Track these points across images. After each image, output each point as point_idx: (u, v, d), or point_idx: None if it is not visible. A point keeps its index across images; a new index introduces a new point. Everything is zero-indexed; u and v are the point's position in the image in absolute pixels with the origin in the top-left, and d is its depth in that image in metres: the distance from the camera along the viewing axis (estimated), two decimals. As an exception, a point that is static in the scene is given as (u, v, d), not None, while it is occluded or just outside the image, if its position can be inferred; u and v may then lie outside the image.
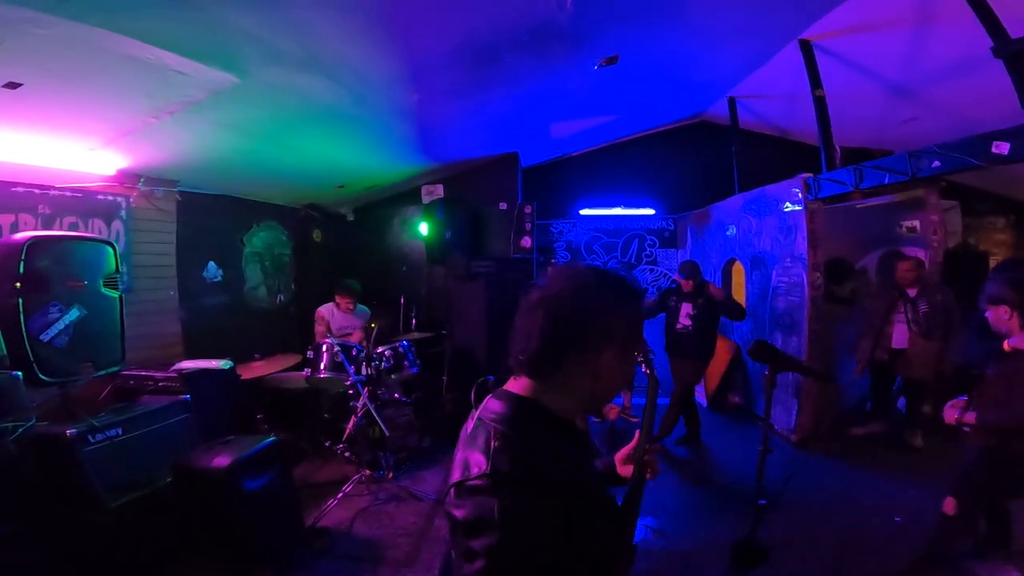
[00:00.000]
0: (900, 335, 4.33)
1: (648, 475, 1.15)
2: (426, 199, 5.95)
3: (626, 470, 1.24)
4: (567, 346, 0.91)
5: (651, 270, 7.71)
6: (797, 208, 4.55)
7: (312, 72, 2.92)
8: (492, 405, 0.94)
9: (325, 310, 4.52)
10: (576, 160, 7.52)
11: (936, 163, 3.16)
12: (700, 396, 6.18)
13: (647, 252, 7.76)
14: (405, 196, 6.13)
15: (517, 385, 0.97)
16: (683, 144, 7.44)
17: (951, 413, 2.32)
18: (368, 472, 3.54)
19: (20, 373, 2.22)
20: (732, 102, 6.17)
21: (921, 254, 4.68)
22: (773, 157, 6.58)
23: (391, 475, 3.62)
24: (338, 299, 4.55)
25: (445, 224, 5.25)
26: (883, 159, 3.61)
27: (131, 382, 3.01)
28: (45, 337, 2.36)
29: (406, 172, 5.65)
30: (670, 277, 7.71)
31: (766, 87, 5.62)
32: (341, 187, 5.39)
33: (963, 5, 2.95)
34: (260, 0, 2.19)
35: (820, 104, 4.34)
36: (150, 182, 3.73)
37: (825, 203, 4.41)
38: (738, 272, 6.20)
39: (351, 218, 6.37)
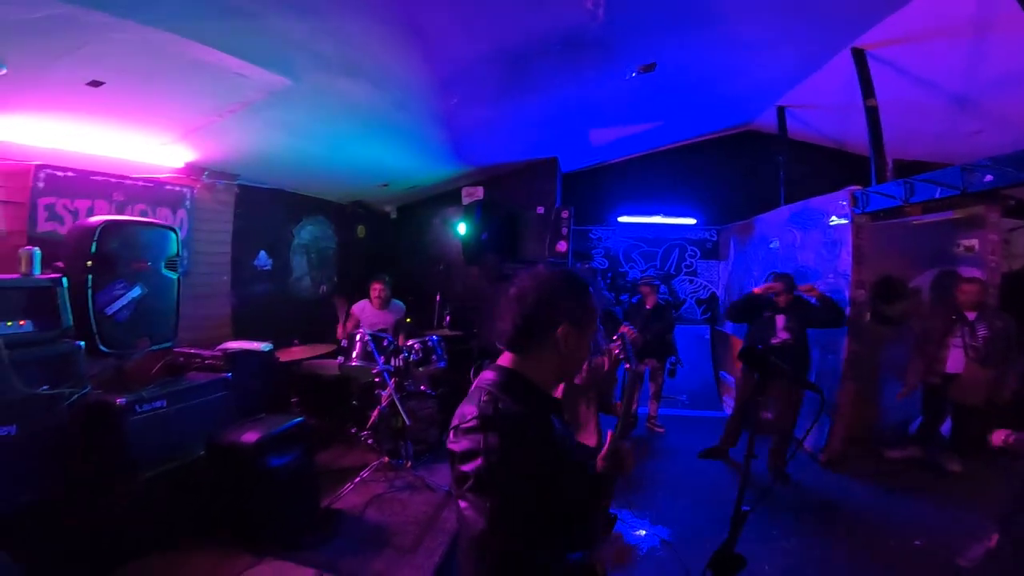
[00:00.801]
0: (955, 359, 4.11)
1: (621, 469, 1.30)
2: (466, 200, 6.09)
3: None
4: (534, 327, 1.17)
5: (691, 281, 7.59)
6: (843, 222, 4.39)
7: (354, 77, 3.13)
8: (486, 375, 1.19)
9: (357, 308, 4.71)
10: (616, 167, 7.50)
11: (988, 177, 3.01)
12: (730, 410, 6.04)
13: (687, 263, 7.64)
14: (446, 197, 6.31)
15: (505, 359, 1.22)
16: (728, 154, 7.29)
17: (999, 435, 2.24)
18: (387, 460, 3.69)
19: (83, 343, 2.48)
20: (781, 111, 6.00)
21: (978, 275, 4.41)
22: (824, 169, 6.36)
23: (409, 464, 3.75)
24: (372, 288, 4.70)
25: (482, 226, 5.39)
26: (934, 172, 3.45)
27: (180, 359, 3.28)
28: (109, 311, 2.64)
29: (446, 174, 5.81)
30: (710, 289, 7.57)
31: (818, 96, 5.44)
32: (385, 186, 5.62)
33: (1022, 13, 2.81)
34: (307, 10, 2.39)
35: (872, 114, 4.21)
36: (213, 175, 4.05)
37: (876, 218, 4.24)
38: (780, 287, 6.01)
39: (394, 216, 6.61)
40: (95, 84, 2.60)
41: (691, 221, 7.52)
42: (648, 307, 5.45)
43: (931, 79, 4.37)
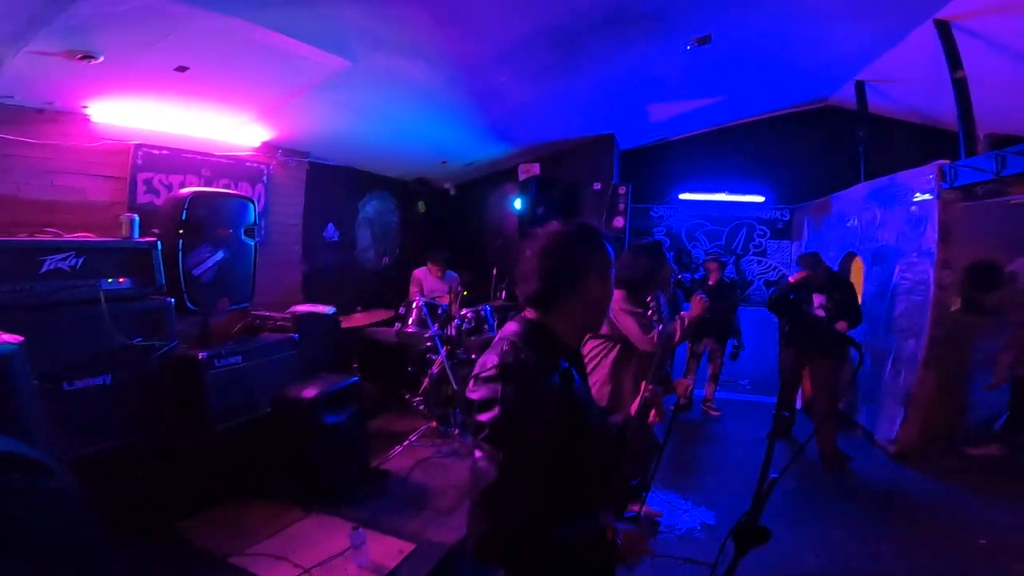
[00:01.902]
0: None
1: (652, 417, 1.33)
2: (522, 176, 6.14)
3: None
4: (555, 282, 1.17)
5: (759, 262, 7.24)
6: (928, 198, 4.03)
7: (408, 57, 3.25)
8: (510, 326, 1.21)
9: (420, 272, 5.02)
10: (678, 144, 7.23)
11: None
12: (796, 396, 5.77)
13: (756, 242, 7.28)
14: (503, 174, 6.40)
15: (529, 313, 1.24)
16: (802, 130, 6.82)
17: None
18: (435, 425, 3.85)
19: (173, 301, 2.78)
20: (860, 86, 5.56)
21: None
22: (909, 145, 5.81)
23: (456, 431, 3.89)
24: (429, 264, 5.04)
25: (538, 201, 5.45)
26: None
27: (256, 320, 3.60)
28: (196, 272, 2.95)
29: (502, 151, 5.89)
30: (780, 270, 7.20)
31: (901, 70, 5.00)
32: (443, 163, 5.79)
33: None
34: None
35: (960, 86, 3.87)
36: (286, 153, 4.37)
37: (970, 197, 3.87)
38: (857, 268, 5.62)
39: (453, 192, 6.78)
40: (181, 69, 2.86)
41: (759, 199, 7.13)
42: (711, 283, 5.28)
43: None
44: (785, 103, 6.57)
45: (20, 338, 1.15)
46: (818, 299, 4.08)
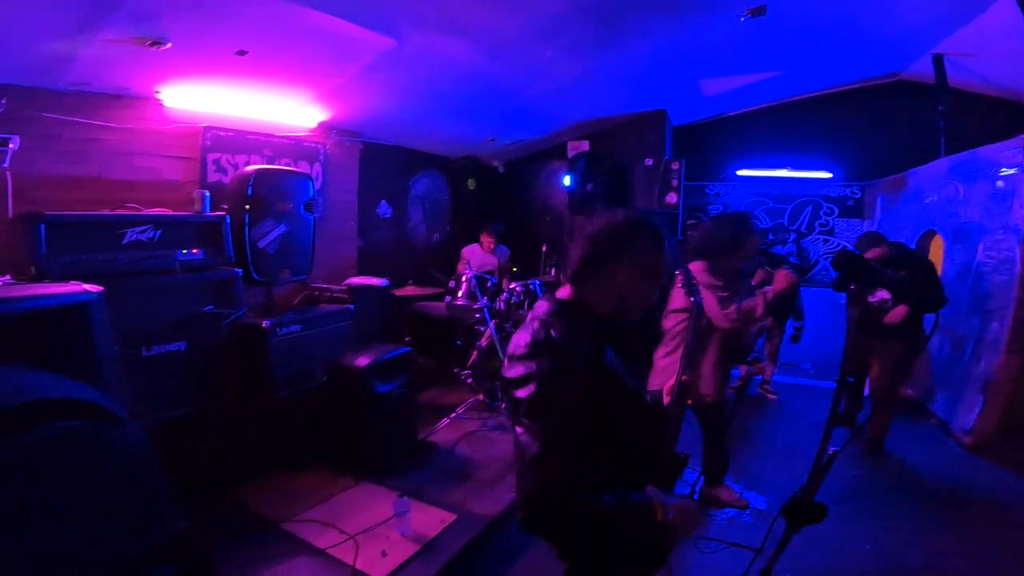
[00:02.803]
0: None
1: (688, 400, 1.30)
2: (571, 153, 6.07)
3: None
4: (598, 262, 1.22)
5: (825, 241, 6.85)
6: (1014, 172, 3.70)
7: (451, 33, 3.26)
8: (540, 305, 1.26)
9: (468, 250, 5.09)
10: (735, 120, 6.87)
11: None
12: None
13: (822, 221, 6.89)
14: (552, 151, 6.35)
15: (562, 292, 1.28)
16: (873, 105, 6.33)
17: None
18: (483, 398, 3.91)
19: (240, 271, 2.96)
20: (938, 59, 5.08)
21: None
22: (992, 121, 5.28)
23: (503, 405, 3.92)
24: (482, 237, 5.10)
25: (588, 177, 5.37)
26: None
27: (315, 292, 3.77)
28: (261, 244, 3.13)
29: (550, 128, 5.82)
30: (849, 250, 6.78)
31: (983, 44, 4.55)
32: (492, 140, 5.78)
33: None
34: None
35: None
36: (341, 133, 4.50)
37: None
38: (936, 247, 5.23)
39: (502, 170, 6.79)
40: (241, 53, 2.97)
41: (826, 175, 6.71)
42: None
43: None
44: (853, 77, 6.13)
45: (100, 288, 1.23)
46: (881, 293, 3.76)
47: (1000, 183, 3.93)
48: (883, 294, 3.72)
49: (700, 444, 2.89)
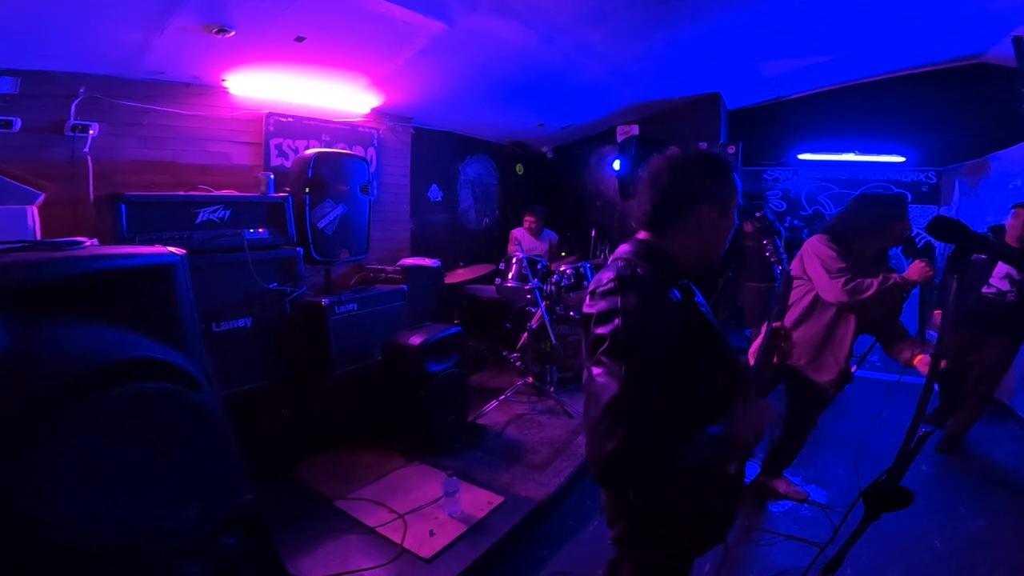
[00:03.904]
0: None
1: (775, 358, 1.28)
2: (620, 138, 5.96)
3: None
4: (670, 206, 1.16)
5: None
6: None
7: (503, 16, 3.23)
8: (622, 247, 1.20)
9: (518, 232, 5.10)
10: (794, 103, 6.52)
11: None
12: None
13: (895, 207, 6.47)
14: (601, 137, 6.26)
15: (642, 234, 1.22)
16: (949, 88, 5.88)
17: None
18: (532, 381, 3.90)
19: (301, 250, 3.06)
20: (1019, 41, 4.65)
21: None
22: None
23: (552, 389, 3.93)
24: (525, 218, 5.10)
25: (639, 160, 5.25)
26: None
27: (370, 273, 3.86)
28: (321, 224, 3.23)
29: (600, 112, 5.72)
30: (924, 238, 6.34)
31: None
32: (540, 125, 5.73)
33: None
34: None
35: None
36: (393, 119, 4.59)
37: None
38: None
39: (550, 156, 6.75)
40: (300, 40, 3.06)
41: (899, 159, 6.29)
42: None
43: None
44: (927, 59, 5.73)
45: (183, 251, 1.28)
46: (1003, 268, 3.38)
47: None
48: (1001, 284, 3.36)
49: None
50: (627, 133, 5.94)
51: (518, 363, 4.14)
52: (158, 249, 1.25)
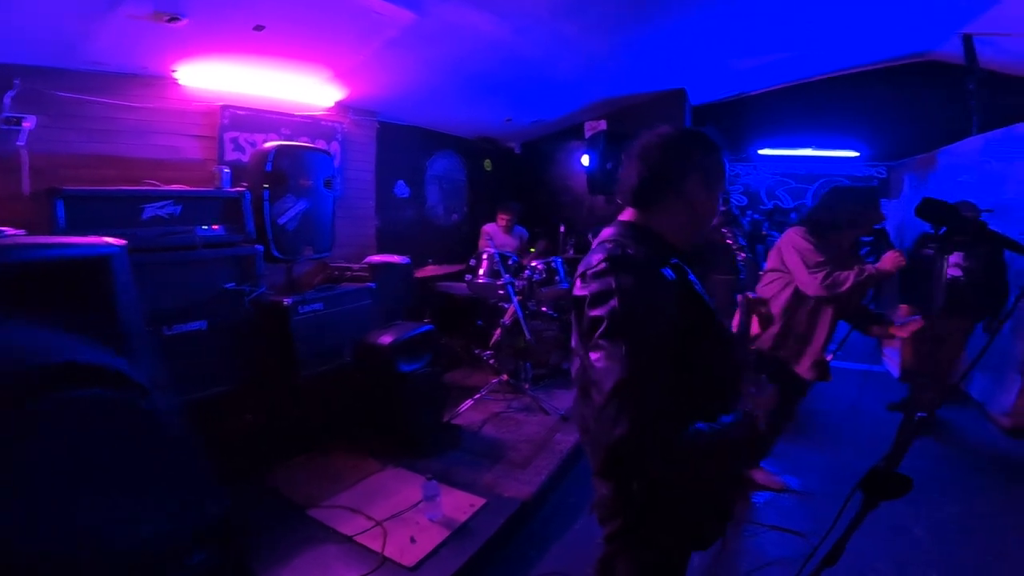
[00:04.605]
0: None
1: (758, 326, 1.28)
2: (588, 133, 6.01)
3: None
4: (659, 180, 1.12)
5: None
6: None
7: (477, 6, 3.16)
8: (606, 231, 1.15)
9: (490, 228, 5.04)
10: (755, 99, 6.72)
11: None
12: (891, 363, 5.34)
13: (845, 201, 6.74)
14: (568, 132, 6.29)
15: (625, 214, 1.18)
16: (900, 85, 6.19)
17: None
18: (507, 379, 3.83)
19: (261, 248, 2.90)
20: (967, 39, 4.93)
21: None
22: None
23: (527, 386, 3.88)
24: (498, 217, 5.04)
25: (607, 155, 5.30)
26: None
27: (336, 271, 3.72)
28: (281, 220, 3.07)
29: (568, 108, 5.74)
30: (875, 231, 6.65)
31: (1015, 23, 4.40)
32: (508, 120, 5.70)
33: None
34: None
35: None
36: (358, 113, 4.45)
37: None
38: (969, 225, 5.08)
39: (519, 151, 6.74)
40: (259, 28, 2.90)
41: (853, 154, 6.54)
42: None
43: None
44: (880, 56, 5.98)
45: (123, 242, 1.15)
46: (954, 257, 3.61)
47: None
48: (954, 271, 3.57)
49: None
50: (595, 128, 5.97)
51: (492, 361, 4.07)
52: (93, 239, 1.12)
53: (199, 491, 1.44)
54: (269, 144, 3.16)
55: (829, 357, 2.58)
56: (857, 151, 6.59)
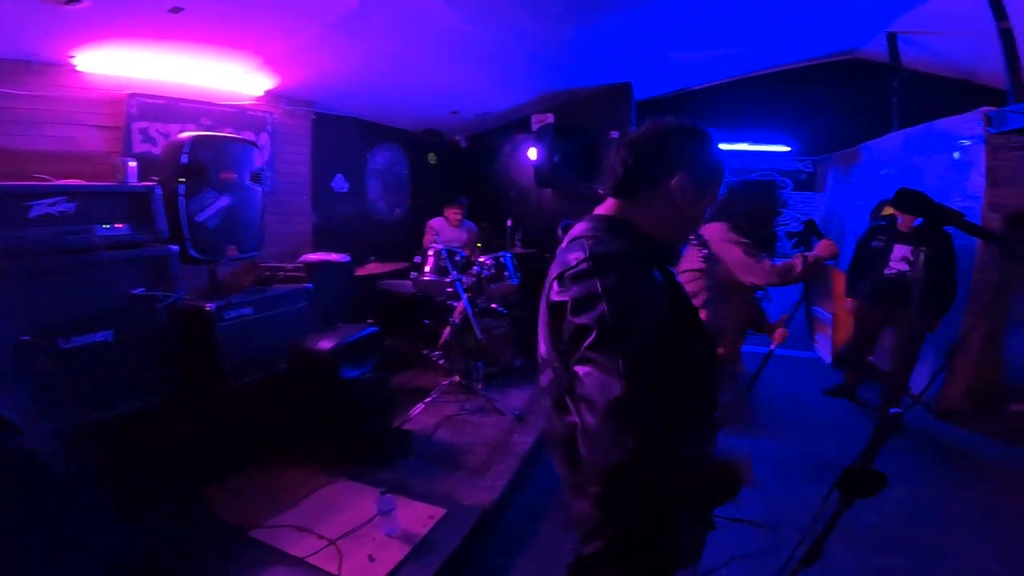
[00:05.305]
0: None
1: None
2: (536, 126, 5.94)
3: None
4: (647, 171, 1.02)
5: (778, 214, 7.03)
6: (970, 143, 3.83)
7: None
8: (580, 226, 1.04)
9: (436, 222, 4.84)
10: (698, 94, 6.90)
11: None
12: (823, 350, 5.61)
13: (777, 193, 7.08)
14: (515, 125, 6.19)
15: (603, 208, 1.07)
16: (828, 82, 6.51)
17: None
18: (458, 379, 3.70)
19: (176, 248, 2.61)
20: (892, 37, 5.27)
21: None
22: (946, 99, 5.47)
23: (480, 386, 3.76)
24: (447, 212, 4.87)
25: (554, 148, 5.26)
26: None
27: (267, 272, 3.44)
28: (200, 218, 2.77)
29: (516, 100, 5.64)
30: (802, 222, 6.99)
31: (937, 22, 4.69)
32: (455, 113, 5.54)
33: None
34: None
35: (1006, 37, 3.67)
36: (291, 102, 4.17)
37: (1010, 143, 3.64)
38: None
39: (464, 144, 6.58)
40: (175, 11, 2.63)
41: (784, 149, 6.85)
42: None
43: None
44: (811, 54, 6.27)
45: None
46: (900, 250, 3.76)
47: (957, 154, 4.03)
48: (900, 265, 3.72)
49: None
50: (543, 121, 5.91)
51: (442, 361, 3.90)
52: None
53: (100, 531, 1.25)
54: (185, 135, 2.85)
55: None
56: (789, 146, 6.90)
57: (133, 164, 2.64)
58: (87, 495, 1.25)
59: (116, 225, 2.38)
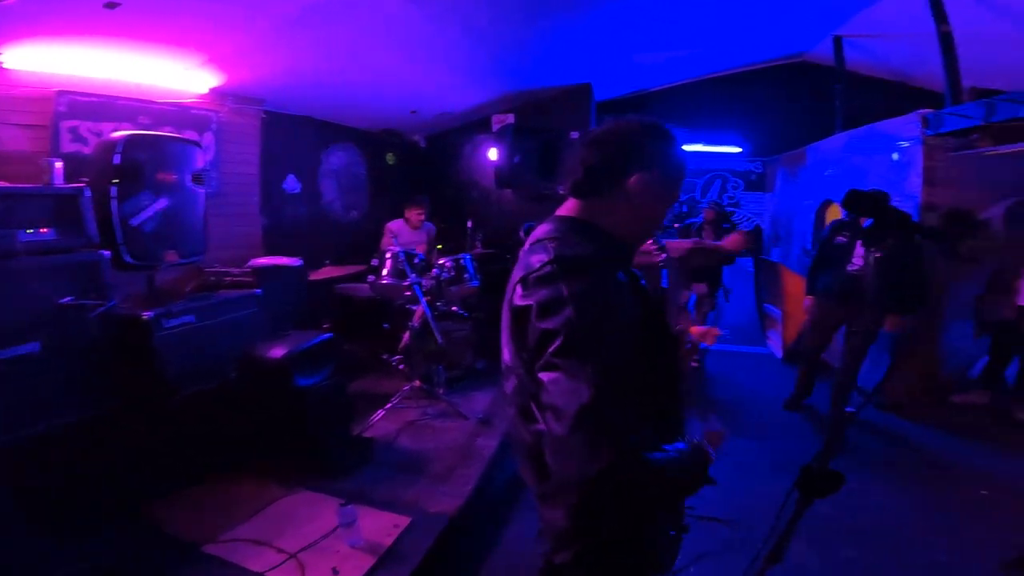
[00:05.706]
0: None
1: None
2: (496, 127, 5.93)
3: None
4: (607, 170, 1.00)
5: (731, 213, 7.25)
6: (912, 144, 4.00)
7: None
8: (543, 227, 1.01)
9: (395, 225, 4.71)
10: (656, 96, 7.06)
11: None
12: (775, 346, 5.81)
13: (729, 194, 7.36)
14: (476, 125, 6.15)
15: (565, 209, 1.05)
16: (779, 85, 6.78)
17: None
18: (419, 384, 3.63)
19: (108, 254, 2.43)
20: (837, 41, 5.53)
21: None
22: (887, 102, 5.74)
23: (442, 390, 3.70)
24: (408, 213, 4.73)
25: (514, 149, 5.23)
26: (1019, 92, 3.04)
27: (212, 277, 3.27)
28: (134, 222, 2.60)
29: (476, 99, 5.60)
30: (754, 221, 7.26)
31: (882, 26, 4.94)
32: (414, 112, 5.46)
33: None
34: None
35: (945, 40, 3.84)
36: (239, 100, 3.98)
37: (946, 144, 3.84)
38: (833, 213, 5.64)
39: (424, 145, 6.49)
40: (111, 6, 2.47)
41: (736, 150, 7.07)
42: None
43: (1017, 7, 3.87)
44: (763, 56, 6.49)
45: None
46: (861, 248, 3.74)
47: (896, 155, 4.23)
48: (860, 262, 3.68)
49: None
50: (503, 122, 5.91)
51: (402, 366, 3.82)
52: None
53: (41, 556, 1.16)
54: (118, 134, 2.68)
55: None
56: (741, 147, 7.13)
57: (59, 165, 2.45)
58: (21, 520, 1.14)
59: (41, 230, 2.20)
